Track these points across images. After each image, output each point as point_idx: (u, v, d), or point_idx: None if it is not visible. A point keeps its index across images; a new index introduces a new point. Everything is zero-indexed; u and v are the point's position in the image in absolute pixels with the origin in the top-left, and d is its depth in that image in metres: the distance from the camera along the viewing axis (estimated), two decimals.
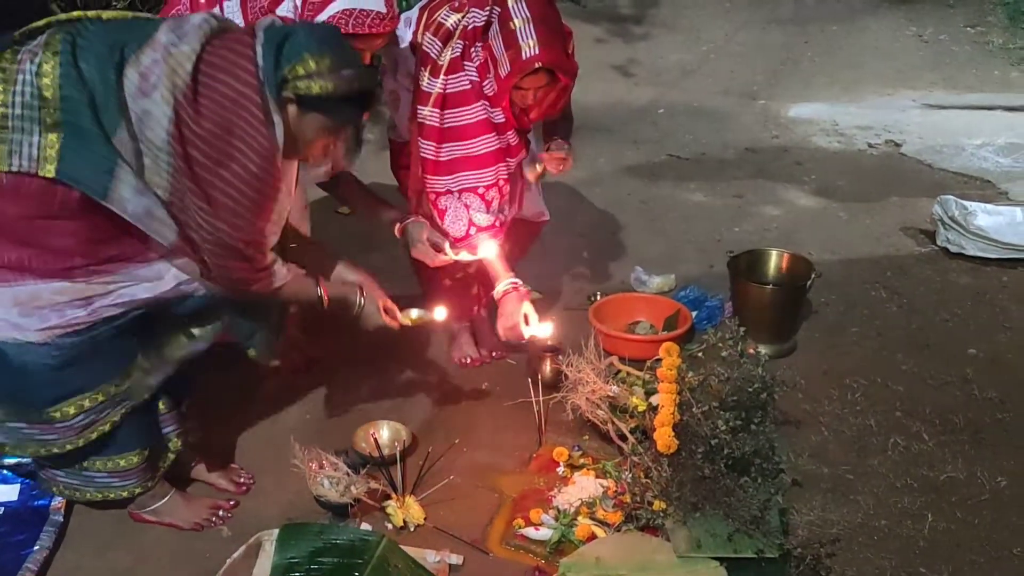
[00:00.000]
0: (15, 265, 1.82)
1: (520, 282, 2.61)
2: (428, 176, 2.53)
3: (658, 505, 2.15)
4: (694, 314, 3.04)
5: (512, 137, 2.55)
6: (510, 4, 2.36)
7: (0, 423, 1.96)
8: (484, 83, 2.47)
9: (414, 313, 2.34)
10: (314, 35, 1.86)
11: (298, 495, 2.28)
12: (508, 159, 2.57)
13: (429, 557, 2.09)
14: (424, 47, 2.48)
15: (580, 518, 2.19)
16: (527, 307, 2.56)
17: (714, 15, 7.58)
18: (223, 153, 1.78)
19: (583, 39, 6.79)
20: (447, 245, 2.52)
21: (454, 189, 2.53)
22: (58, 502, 2.21)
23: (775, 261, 3.11)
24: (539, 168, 2.66)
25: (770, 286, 3.01)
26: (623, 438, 2.39)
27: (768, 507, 2.13)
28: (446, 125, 2.49)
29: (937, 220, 3.67)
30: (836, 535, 2.16)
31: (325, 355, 2.88)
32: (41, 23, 1.83)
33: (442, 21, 2.47)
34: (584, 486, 2.30)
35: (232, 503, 2.28)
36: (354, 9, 2.20)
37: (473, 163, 2.51)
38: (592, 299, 3.15)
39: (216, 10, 2.27)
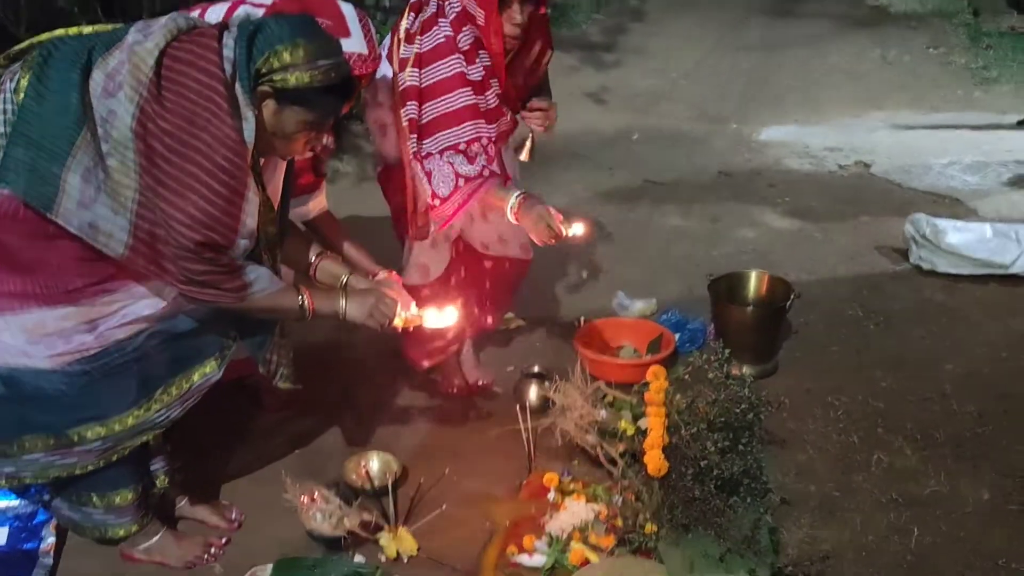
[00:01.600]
0: (19, 293, 1.83)
1: (526, 190, 2.57)
2: (414, 139, 2.49)
3: (650, 528, 2.16)
4: (677, 337, 3.08)
5: (492, 97, 2.52)
6: None
7: (17, 456, 1.95)
8: (459, 36, 2.44)
9: (413, 312, 2.23)
10: (287, 25, 1.80)
11: (290, 529, 2.27)
12: (489, 122, 2.51)
13: None
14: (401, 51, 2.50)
15: (573, 543, 2.19)
16: (552, 209, 2.50)
17: (683, 41, 7.73)
18: (188, 146, 1.74)
19: (556, 68, 6.90)
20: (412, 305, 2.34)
21: (435, 151, 2.48)
22: (47, 544, 2.19)
23: (755, 283, 3.16)
24: (527, 143, 2.66)
25: (751, 308, 3.06)
26: (612, 462, 2.40)
27: (758, 527, 2.15)
28: (424, 84, 2.47)
29: (909, 238, 3.75)
30: (826, 552, 2.19)
31: (310, 390, 2.87)
32: (24, 44, 1.84)
33: (409, 27, 2.50)
34: (576, 511, 2.30)
35: (224, 540, 2.27)
36: None
37: (450, 119, 2.46)
38: (576, 324, 3.18)
39: None
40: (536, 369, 2.87)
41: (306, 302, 2.02)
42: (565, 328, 3.25)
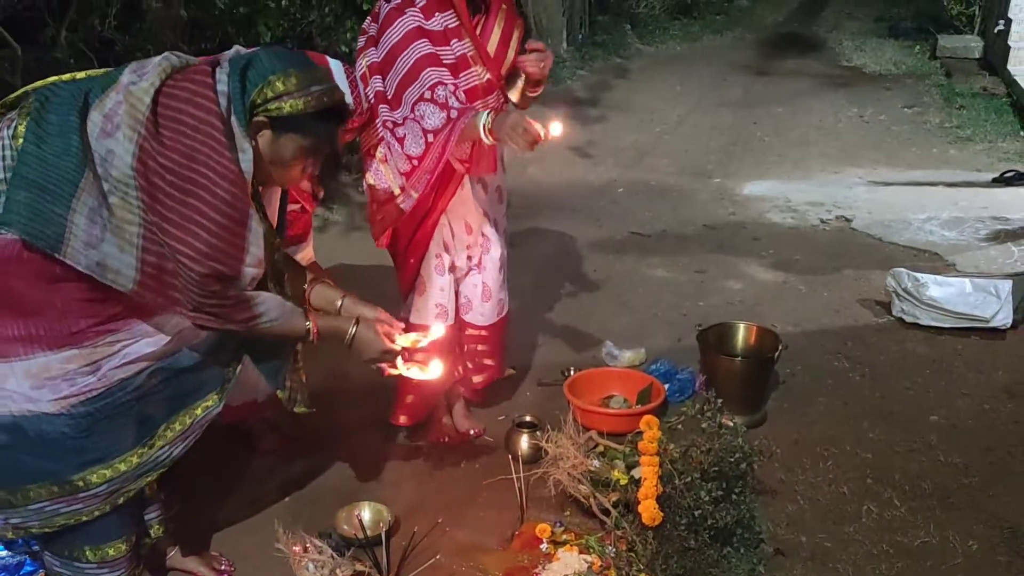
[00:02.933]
0: (24, 338, 1.83)
1: (496, 105, 2.55)
2: (384, 112, 2.50)
3: None
4: (666, 387, 3.10)
5: (458, 47, 2.49)
6: None
7: (23, 506, 1.93)
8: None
9: (412, 336, 2.23)
10: (278, 57, 1.87)
11: None
12: (454, 74, 2.48)
13: None
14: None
15: None
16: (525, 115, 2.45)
17: (666, 98, 7.89)
18: (189, 181, 1.78)
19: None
20: (399, 360, 2.30)
21: (407, 114, 2.48)
22: None
23: (743, 334, 3.20)
24: (520, 83, 2.61)
25: (739, 358, 3.10)
26: (606, 512, 2.41)
27: None
28: (383, 55, 2.48)
29: (891, 292, 3.81)
30: None
31: (302, 436, 2.87)
32: (19, 92, 1.87)
33: (365, 27, 2.56)
34: (568, 562, 2.30)
35: None
36: None
37: (412, 72, 2.45)
38: (566, 374, 3.20)
39: None
40: (527, 418, 2.88)
41: (311, 326, 2.06)
42: (555, 377, 3.27)
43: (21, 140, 1.77)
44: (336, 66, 2.33)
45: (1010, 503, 2.61)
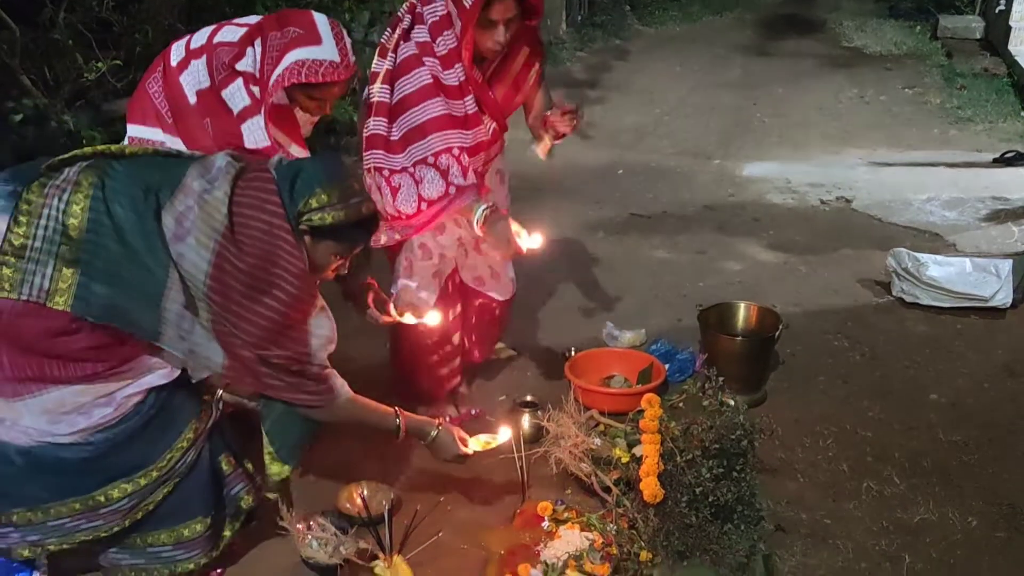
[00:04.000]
0: (38, 376, 1.87)
1: (495, 203, 2.58)
2: (380, 154, 2.49)
3: (645, 555, 2.18)
4: (666, 367, 3.11)
5: (470, 104, 2.49)
6: None
7: (42, 523, 1.97)
8: (437, 41, 2.43)
9: (483, 438, 2.43)
10: (323, 170, 1.98)
11: (285, 557, 2.27)
12: (461, 130, 2.48)
13: None
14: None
15: (568, 571, 2.20)
16: (514, 224, 2.51)
17: (666, 79, 7.87)
18: (265, 282, 1.90)
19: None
20: (391, 307, 2.49)
21: (407, 165, 2.48)
22: None
23: (743, 314, 3.21)
24: (547, 140, 2.63)
25: (740, 338, 3.10)
26: (607, 490, 2.42)
27: (753, 553, 2.18)
28: (395, 100, 2.47)
29: (891, 272, 3.82)
30: None
31: None
32: (67, 156, 1.92)
33: (384, 42, 2.52)
34: (570, 540, 2.31)
35: (219, 570, 2.25)
36: (308, 59, 2.23)
37: (420, 131, 2.46)
38: (567, 355, 3.21)
39: (186, 71, 2.33)
40: (529, 398, 2.89)
41: (400, 423, 2.25)
42: (555, 358, 3.28)
43: (75, 220, 1.82)
44: (321, 20, 2.30)
45: (1009, 480, 2.62)
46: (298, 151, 2.41)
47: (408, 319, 2.52)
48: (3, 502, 1.95)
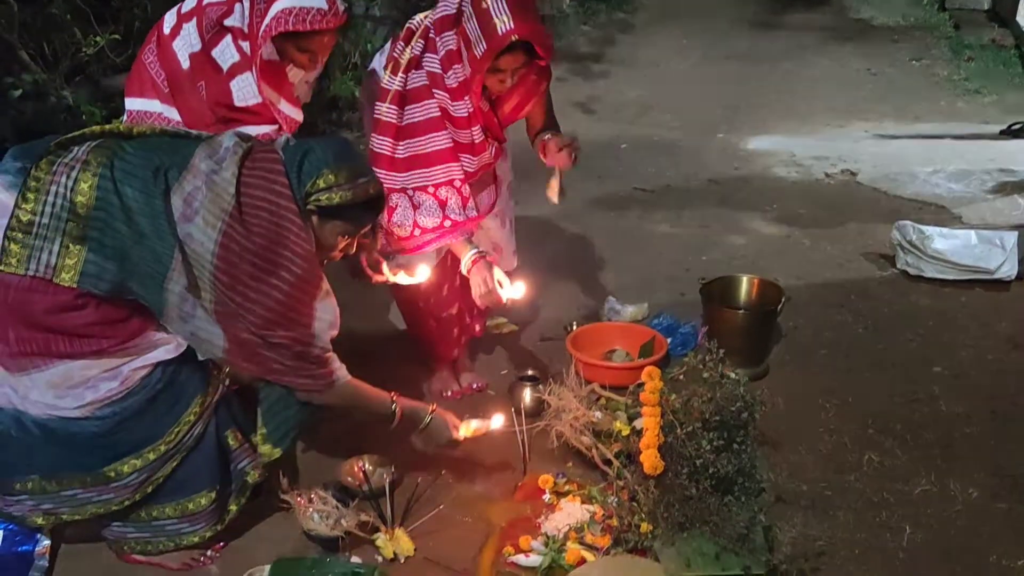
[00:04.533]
0: (43, 351, 1.89)
1: (486, 251, 2.62)
2: (382, 172, 2.48)
3: (645, 527, 2.18)
4: (668, 341, 3.10)
5: (477, 133, 2.52)
6: None
7: (56, 492, 2.00)
8: (448, 74, 2.44)
9: (474, 424, 2.44)
10: (330, 150, 2.00)
11: (287, 530, 2.28)
12: (468, 155, 2.53)
13: None
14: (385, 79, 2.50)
15: (569, 543, 2.21)
16: (498, 272, 2.55)
17: (670, 52, 7.78)
18: (272, 262, 1.91)
19: None
20: (384, 266, 2.50)
21: (408, 187, 2.51)
22: (42, 547, 2.18)
23: (746, 287, 3.19)
24: (555, 182, 2.66)
25: (742, 311, 3.09)
26: (607, 463, 2.42)
27: (753, 525, 2.17)
28: (404, 123, 2.48)
29: (896, 244, 3.79)
30: (819, 550, 2.21)
31: None
32: (76, 134, 1.94)
33: (398, 56, 2.49)
34: (571, 512, 2.32)
35: (221, 542, 2.27)
36: (295, 7, 2.21)
37: (424, 161, 2.49)
38: (568, 329, 3.20)
39: (179, 37, 2.32)
40: (530, 372, 2.89)
41: (396, 408, 2.26)
42: (557, 333, 3.27)
43: (83, 198, 1.85)
44: None
45: (1012, 452, 2.62)
46: (288, 108, 2.40)
47: (401, 278, 2.53)
48: (20, 468, 1.99)
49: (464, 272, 2.59)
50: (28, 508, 2.03)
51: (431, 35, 2.46)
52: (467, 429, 2.41)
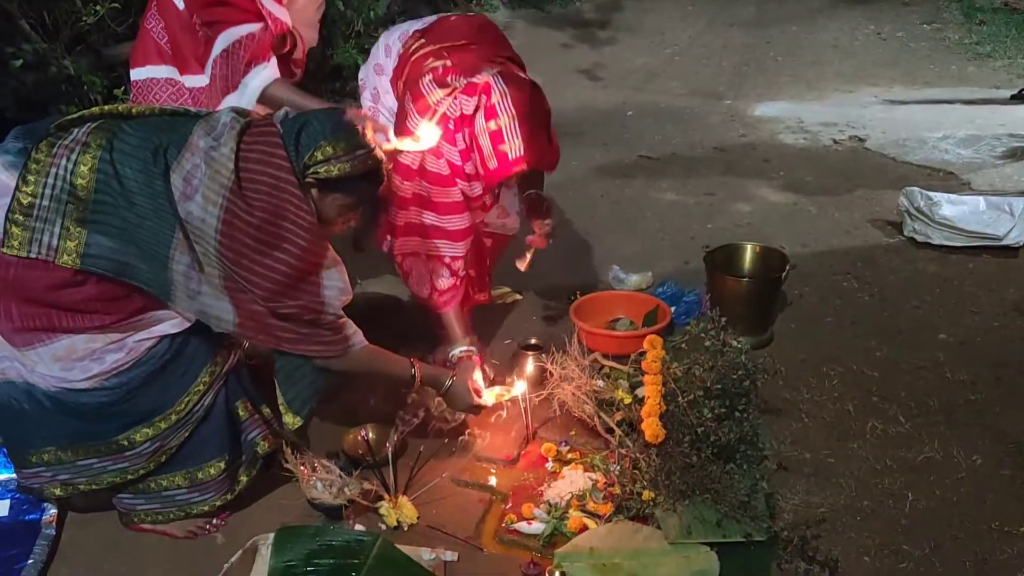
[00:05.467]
0: (47, 326, 1.89)
1: (474, 349, 2.67)
2: (399, 237, 2.59)
3: (647, 495, 2.19)
4: (672, 309, 3.09)
5: (489, 198, 2.63)
6: (495, 99, 2.35)
7: (72, 462, 2.03)
8: (465, 164, 2.48)
9: (497, 390, 2.49)
10: (328, 122, 1.98)
11: (291, 499, 2.29)
12: (482, 211, 2.65)
13: (424, 555, 2.11)
14: (408, 112, 2.46)
15: (571, 511, 2.22)
16: (478, 375, 2.58)
17: (677, 18, 7.71)
18: (275, 235, 1.90)
19: (549, 45, 6.90)
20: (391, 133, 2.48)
21: (422, 253, 2.60)
22: (49, 515, 2.20)
23: (750, 255, 3.18)
24: (529, 256, 2.72)
25: (746, 279, 3.08)
26: (610, 431, 2.42)
27: (754, 492, 2.18)
28: (426, 194, 2.52)
29: (903, 211, 3.76)
30: (821, 517, 2.22)
31: None
32: (76, 116, 1.94)
33: (426, 94, 2.43)
34: (573, 480, 2.33)
35: (226, 511, 2.28)
36: None
37: (444, 235, 2.56)
38: (572, 298, 3.19)
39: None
40: (533, 341, 2.88)
41: (415, 372, 2.27)
42: (561, 301, 3.27)
43: (83, 180, 1.84)
44: None
45: (1017, 419, 2.61)
46: (274, 6, 2.43)
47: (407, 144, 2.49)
48: (35, 440, 2.01)
49: (450, 361, 2.65)
50: (46, 480, 2.05)
51: (449, 126, 2.44)
52: (491, 395, 2.44)
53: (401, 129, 2.46)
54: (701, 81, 6.10)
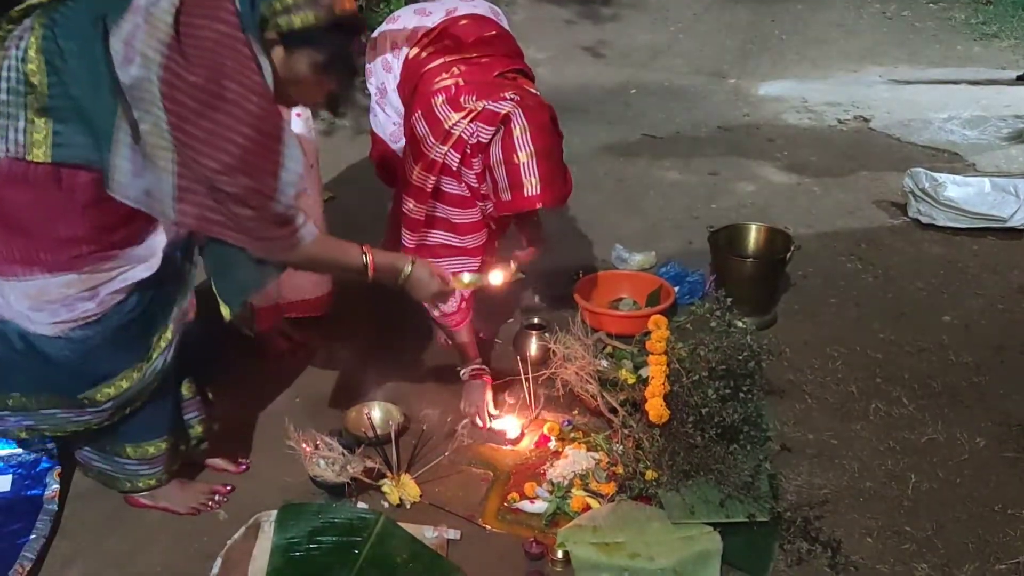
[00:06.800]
0: (24, 259, 1.82)
1: (485, 368, 2.63)
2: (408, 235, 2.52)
3: (650, 475, 2.19)
4: (676, 289, 3.08)
5: (502, 221, 2.55)
6: (516, 134, 2.25)
7: (35, 410, 1.98)
8: (482, 185, 2.39)
9: (466, 277, 2.31)
10: None
11: (293, 476, 2.29)
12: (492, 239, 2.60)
13: (427, 533, 2.12)
14: (421, 138, 2.40)
15: (574, 490, 2.22)
16: (489, 396, 2.56)
17: None
18: (217, 96, 1.73)
19: (553, 21, 6.84)
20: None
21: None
22: (52, 491, 2.20)
23: (754, 235, 3.16)
24: (513, 266, 2.55)
25: (750, 259, 3.06)
26: (613, 411, 2.42)
27: (758, 473, 2.18)
28: (438, 215, 2.46)
29: (908, 192, 3.75)
30: (824, 498, 2.22)
31: (311, 340, 2.88)
32: (23, 7, 1.80)
33: (442, 118, 2.35)
34: (576, 459, 2.33)
35: (228, 487, 2.28)
36: None
37: (462, 252, 2.51)
38: (575, 277, 3.18)
39: None
40: (536, 321, 2.87)
41: (368, 259, 2.05)
42: (564, 281, 3.25)
43: (32, 66, 1.72)
44: None
45: (1020, 401, 2.61)
46: None
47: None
48: (3, 384, 1.94)
49: (461, 378, 2.62)
50: (11, 424, 2.02)
51: (466, 150, 2.35)
52: (459, 282, 2.27)
53: (417, 155, 2.40)
54: (705, 59, 6.05)
